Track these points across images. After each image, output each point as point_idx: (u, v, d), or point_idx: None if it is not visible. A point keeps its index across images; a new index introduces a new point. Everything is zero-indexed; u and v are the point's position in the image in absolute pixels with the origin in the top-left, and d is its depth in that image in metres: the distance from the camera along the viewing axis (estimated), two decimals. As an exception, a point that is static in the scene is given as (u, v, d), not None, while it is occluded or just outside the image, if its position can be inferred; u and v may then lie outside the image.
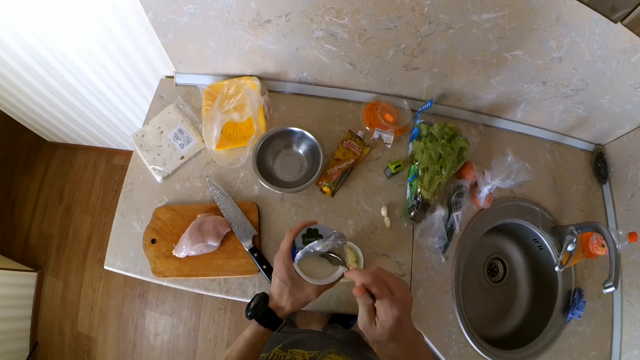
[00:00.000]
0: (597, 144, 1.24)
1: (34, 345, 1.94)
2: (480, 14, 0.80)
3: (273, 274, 0.64)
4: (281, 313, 0.62)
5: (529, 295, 1.21)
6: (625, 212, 1.14)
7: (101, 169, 2.16)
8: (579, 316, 1.05)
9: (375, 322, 0.53)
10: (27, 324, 1.93)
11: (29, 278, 1.97)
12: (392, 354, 0.53)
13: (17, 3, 0.98)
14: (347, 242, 0.91)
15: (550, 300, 1.11)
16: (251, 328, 0.60)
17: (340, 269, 0.62)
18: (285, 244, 0.63)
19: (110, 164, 2.15)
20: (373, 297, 0.54)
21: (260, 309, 0.61)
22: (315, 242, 0.60)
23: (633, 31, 0.46)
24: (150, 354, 1.90)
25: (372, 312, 0.53)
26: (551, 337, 1.05)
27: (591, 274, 1.11)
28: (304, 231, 0.63)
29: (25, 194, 2.16)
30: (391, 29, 0.86)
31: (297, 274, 0.61)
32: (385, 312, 0.52)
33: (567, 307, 1.08)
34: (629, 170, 1.14)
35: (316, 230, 0.63)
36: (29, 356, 1.90)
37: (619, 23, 0.46)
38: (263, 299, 0.63)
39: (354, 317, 1.04)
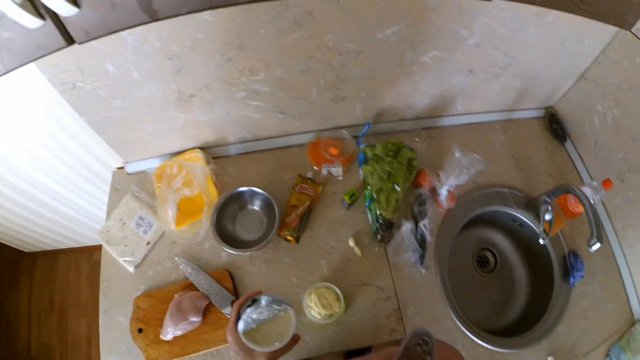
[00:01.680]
0: (547, 107, 1.26)
1: None
2: (383, 30, 0.84)
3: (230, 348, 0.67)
4: None
5: (526, 275, 1.20)
6: (594, 161, 1.15)
7: (84, 268, 2.14)
8: (582, 277, 1.03)
9: None
10: None
11: None
12: None
13: None
14: (324, 283, 0.92)
15: (547, 272, 1.10)
16: None
17: (290, 333, 0.65)
18: (231, 317, 0.66)
19: (92, 261, 2.13)
20: None
21: None
22: (248, 309, 0.65)
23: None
24: None
25: None
26: (560, 308, 1.03)
27: (581, 232, 1.11)
28: (249, 302, 0.67)
29: (16, 309, 2.10)
30: (305, 70, 0.90)
31: (245, 344, 0.64)
32: None
33: (567, 273, 1.06)
34: (585, 122, 1.15)
35: (256, 300, 0.67)
36: None
37: None
38: None
39: (368, 348, 1.02)
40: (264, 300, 0.65)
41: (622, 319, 1.05)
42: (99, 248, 2.10)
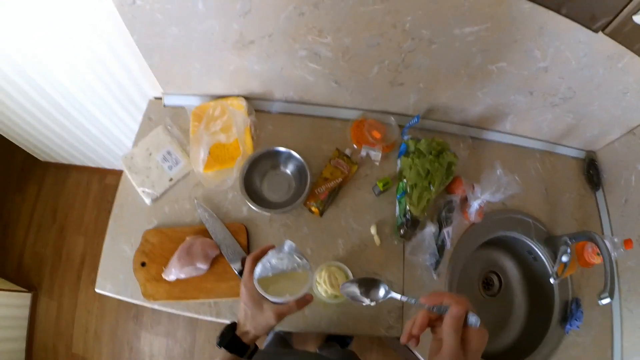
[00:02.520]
0: (588, 151, 1.23)
1: None
2: (462, 27, 0.80)
3: (240, 301, 0.65)
4: (247, 338, 0.63)
5: (525, 308, 1.20)
6: (620, 218, 1.13)
7: (94, 188, 2.15)
8: (578, 327, 1.03)
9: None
10: (22, 345, 1.90)
11: (24, 299, 1.95)
12: None
13: (5, 24, 0.99)
14: (337, 262, 0.91)
15: (547, 311, 1.09)
16: (220, 355, 0.62)
17: (303, 290, 0.62)
18: (247, 268, 0.64)
19: (103, 183, 2.14)
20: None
21: (227, 336, 0.62)
22: (269, 253, 0.62)
23: (615, 39, 0.45)
24: (145, 375, 1.88)
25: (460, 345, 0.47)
26: (550, 350, 1.04)
27: (588, 283, 1.10)
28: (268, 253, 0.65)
29: (18, 213, 2.14)
30: (374, 46, 0.87)
31: (258, 295, 0.61)
32: (479, 337, 0.47)
33: (565, 318, 1.06)
34: (622, 176, 1.13)
35: (282, 245, 0.65)
36: None
37: (600, 32, 0.46)
38: (230, 326, 0.65)
39: (350, 337, 1.02)
40: (286, 247, 0.62)
41: (602, 380, 1.05)
42: (113, 172, 2.13)
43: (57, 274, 2.03)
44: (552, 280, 1.00)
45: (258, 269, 0.62)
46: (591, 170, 1.20)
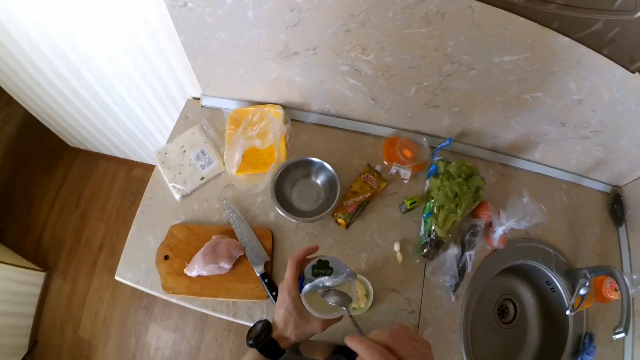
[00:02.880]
0: (615, 186, 1.23)
1: (34, 343, 1.93)
2: (502, 56, 0.81)
3: (278, 303, 0.63)
4: (284, 344, 0.60)
5: (538, 338, 1.18)
6: None
7: (120, 179, 2.20)
8: None
9: None
10: (29, 321, 1.93)
11: (37, 277, 1.98)
12: None
13: (50, 3, 1.00)
14: (361, 276, 0.92)
15: (560, 344, 1.08)
16: (251, 356, 0.59)
17: (349, 306, 0.60)
18: (290, 274, 0.61)
19: (130, 175, 2.18)
20: None
21: (263, 339, 0.59)
22: (326, 277, 0.58)
23: None
24: (149, 367, 1.89)
25: None
26: None
27: (603, 319, 1.09)
28: (315, 262, 0.62)
29: (43, 194, 2.19)
30: (414, 67, 0.88)
31: (303, 305, 0.59)
32: None
33: (577, 352, 1.05)
34: None
35: (327, 263, 0.61)
36: (27, 353, 1.89)
37: (637, 73, 0.46)
38: (266, 327, 0.61)
39: None
40: (346, 274, 0.59)
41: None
42: (140, 165, 2.18)
43: (73, 257, 2.07)
44: (567, 313, 1.00)
45: (308, 287, 0.59)
46: (616, 206, 1.19)
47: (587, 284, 0.98)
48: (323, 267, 0.61)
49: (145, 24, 0.97)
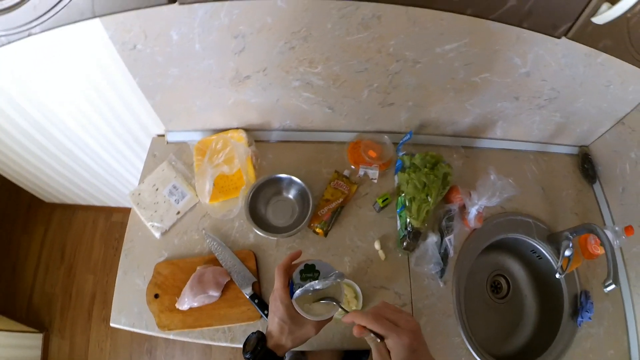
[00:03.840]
0: (581, 146, 1.26)
1: None
2: (442, 45, 0.85)
3: (270, 313, 0.64)
4: (281, 352, 0.62)
5: (536, 307, 1.20)
6: (619, 207, 1.14)
7: (100, 226, 2.17)
8: (590, 318, 1.03)
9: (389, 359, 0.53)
10: None
11: (35, 339, 1.92)
12: None
13: (9, 68, 1.01)
14: (346, 279, 0.93)
15: (557, 307, 1.10)
16: None
17: (341, 301, 0.63)
18: (279, 282, 0.62)
19: (110, 221, 2.16)
20: (380, 337, 0.54)
21: (260, 350, 0.60)
22: (316, 281, 0.60)
23: (579, 42, 0.47)
24: (163, 410, 1.85)
25: (384, 349, 0.54)
26: (564, 345, 1.03)
27: (595, 274, 1.10)
28: (302, 267, 0.63)
29: (25, 254, 2.14)
30: (362, 71, 0.92)
31: (296, 311, 0.61)
32: (395, 345, 0.52)
33: (576, 312, 1.06)
34: (617, 166, 1.14)
35: (313, 266, 0.63)
36: None
37: (564, 37, 0.48)
38: (261, 339, 0.63)
39: (366, 352, 1.04)
40: (335, 276, 0.60)
41: (620, 368, 1.04)
42: (118, 210, 2.15)
43: (67, 313, 2.02)
44: (557, 276, 1.01)
45: (299, 292, 0.60)
46: (586, 165, 1.22)
47: (570, 244, 1.00)
48: (310, 271, 0.63)
49: (99, 69, 0.98)
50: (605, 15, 0.41)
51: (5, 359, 1.73)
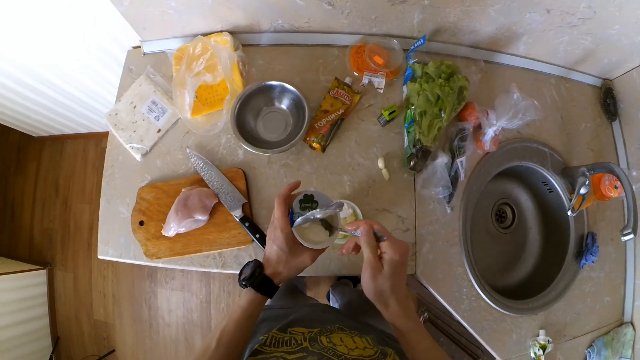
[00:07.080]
0: (605, 79, 1.16)
1: (56, 340, 1.99)
2: None
3: (269, 241, 0.64)
4: (278, 279, 0.62)
5: (540, 241, 1.17)
6: (636, 151, 1.09)
7: (91, 155, 2.13)
8: (593, 262, 1.02)
9: (380, 266, 0.57)
10: (46, 321, 1.99)
11: (40, 276, 2.00)
12: (393, 311, 0.57)
13: None
14: (347, 201, 0.88)
15: (562, 246, 1.07)
16: (247, 296, 0.60)
17: (335, 233, 0.64)
18: (279, 211, 0.62)
19: (100, 147, 2.11)
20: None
21: (257, 277, 0.61)
22: (317, 210, 0.61)
23: None
24: (167, 330, 1.95)
25: (376, 254, 0.58)
26: (565, 285, 1.03)
27: (603, 217, 1.08)
28: (301, 197, 0.64)
29: (21, 194, 2.16)
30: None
31: (294, 240, 0.62)
32: (392, 247, 0.57)
33: (580, 253, 1.04)
34: (639, 107, 1.07)
35: (312, 196, 0.64)
36: (52, 352, 1.94)
37: None
38: (258, 267, 0.63)
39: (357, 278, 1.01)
40: (334, 205, 0.60)
41: (613, 316, 1.06)
42: (107, 135, 2.11)
43: (68, 246, 2.06)
44: (569, 213, 0.97)
45: (300, 220, 0.61)
46: (608, 100, 1.14)
47: (587, 182, 0.94)
48: (309, 201, 0.64)
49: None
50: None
51: (13, 302, 1.80)
